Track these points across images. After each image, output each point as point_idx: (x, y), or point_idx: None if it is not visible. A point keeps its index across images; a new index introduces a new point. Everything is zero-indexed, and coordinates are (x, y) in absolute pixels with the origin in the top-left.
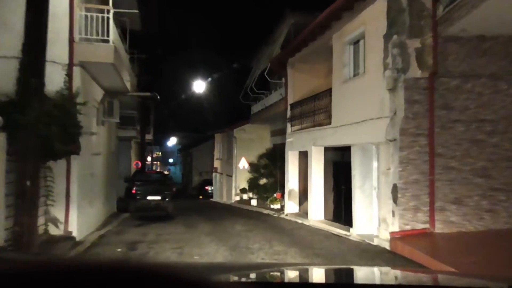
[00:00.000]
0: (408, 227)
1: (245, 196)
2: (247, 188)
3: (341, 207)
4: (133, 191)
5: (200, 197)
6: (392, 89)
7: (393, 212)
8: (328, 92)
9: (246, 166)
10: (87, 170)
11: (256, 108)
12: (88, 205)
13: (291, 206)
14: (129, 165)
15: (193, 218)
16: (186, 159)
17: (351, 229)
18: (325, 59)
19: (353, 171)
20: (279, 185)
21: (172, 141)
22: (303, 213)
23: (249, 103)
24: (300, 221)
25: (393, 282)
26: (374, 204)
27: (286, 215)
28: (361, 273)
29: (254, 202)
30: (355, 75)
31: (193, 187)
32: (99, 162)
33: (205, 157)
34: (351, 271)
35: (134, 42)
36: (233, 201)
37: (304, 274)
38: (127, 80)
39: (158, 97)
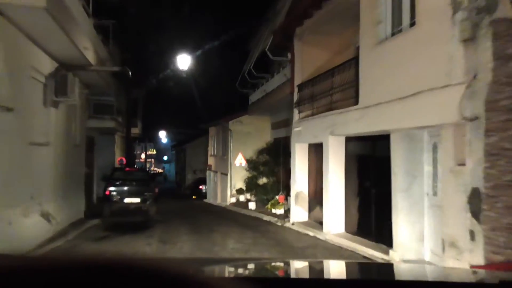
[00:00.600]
0: (500, 258)
1: (242, 198)
2: (244, 188)
3: (370, 217)
4: (107, 192)
5: (194, 197)
6: (470, 40)
7: (471, 233)
8: (353, 62)
9: (243, 163)
10: (13, 165)
11: (254, 96)
12: (21, 213)
13: (298, 213)
14: (113, 162)
15: (176, 227)
16: (180, 156)
17: (390, 251)
18: (343, 27)
19: (393, 168)
20: (282, 185)
21: (162, 135)
22: (315, 223)
23: (246, 91)
24: (312, 234)
25: (387, 277)
26: (426, 216)
27: (293, 224)
28: (356, 268)
29: (252, 206)
30: (394, 33)
31: (186, 186)
32: (46, 155)
33: (199, 154)
34: (348, 266)
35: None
36: (228, 203)
37: (301, 268)
38: (86, 48)
39: (130, 72)
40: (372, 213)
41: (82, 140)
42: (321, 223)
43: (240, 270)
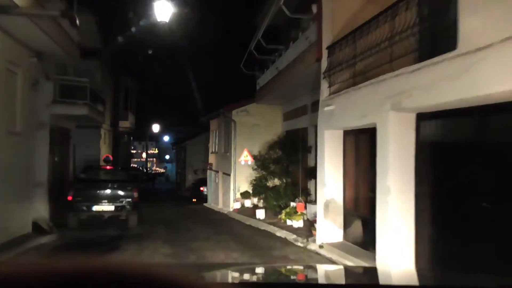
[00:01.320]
0: None
1: (247, 203)
2: (250, 191)
3: (468, 248)
4: (69, 198)
5: (194, 200)
6: None
7: None
8: None
9: (250, 161)
10: None
11: (263, 79)
12: None
13: (328, 229)
14: (98, 159)
15: (156, 247)
16: (180, 155)
17: None
18: None
19: None
20: (301, 189)
21: (155, 129)
22: (354, 246)
23: (253, 73)
24: (358, 267)
25: (383, 282)
26: None
27: (321, 246)
28: (351, 273)
29: (260, 214)
30: None
31: (186, 188)
32: None
33: (200, 152)
34: (344, 271)
35: None
36: (231, 209)
37: (299, 274)
38: None
39: (77, 21)
40: (477, 242)
41: (29, 128)
42: (363, 246)
43: (241, 276)
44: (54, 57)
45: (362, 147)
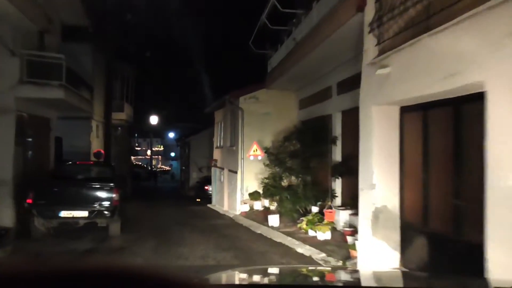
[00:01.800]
0: None
1: (257, 205)
2: (261, 192)
3: None
4: (29, 201)
5: (198, 199)
6: None
7: None
8: None
9: (260, 156)
10: None
11: (277, 58)
12: None
13: (377, 250)
14: (88, 154)
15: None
16: (184, 151)
17: None
18: None
19: None
20: (323, 190)
21: (153, 120)
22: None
23: (264, 52)
24: None
25: (377, 284)
26: None
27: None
28: (349, 276)
29: (274, 221)
30: None
31: (190, 186)
32: None
33: (205, 148)
34: (344, 273)
35: None
36: (238, 213)
37: (298, 275)
38: None
39: None
40: None
41: None
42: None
43: (246, 277)
44: (19, 28)
45: (436, 129)
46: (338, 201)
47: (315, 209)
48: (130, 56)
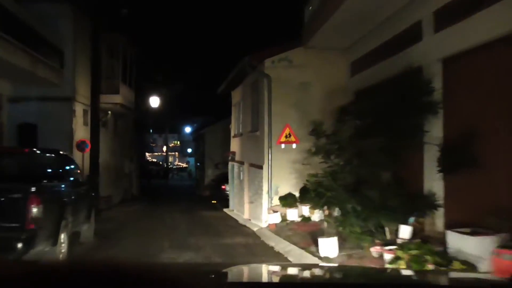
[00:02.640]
0: None
1: (292, 214)
2: (296, 194)
3: None
4: None
5: (214, 201)
6: None
7: None
8: None
9: (295, 143)
10: None
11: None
12: None
13: None
14: (69, 145)
15: None
16: (199, 146)
17: None
18: None
19: None
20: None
21: (153, 102)
22: None
23: None
24: None
25: (377, 282)
26: None
27: None
28: (350, 273)
29: (328, 247)
30: None
31: (205, 185)
32: None
33: (222, 141)
34: (346, 271)
35: None
36: (264, 224)
37: (298, 273)
38: None
39: None
40: None
41: None
42: None
43: (243, 276)
44: None
45: None
46: (439, 215)
47: (405, 229)
48: (130, 28)
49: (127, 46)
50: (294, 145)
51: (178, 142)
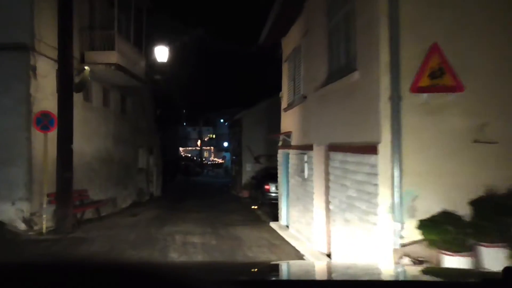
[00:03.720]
0: None
1: (452, 261)
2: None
3: None
4: None
5: (254, 207)
6: None
7: None
8: None
9: (452, 92)
10: None
11: None
12: None
13: None
14: (25, 120)
15: None
16: (234, 136)
17: None
18: None
19: None
20: None
21: (160, 53)
22: None
23: None
24: None
25: (373, 278)
26: None
27: None
28: (349, 270)
29: None
30: None
31: (243, 184)
32: None
33: (264, 127)
34: (346, 268)
35: None
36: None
37: (298, 271)
38: None
39: None
40: None
41: None
42: None
43: (241, 274)
44: None
45: None
46: None
47: None
48: None
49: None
50: (451, 96)
51: (214, 136)
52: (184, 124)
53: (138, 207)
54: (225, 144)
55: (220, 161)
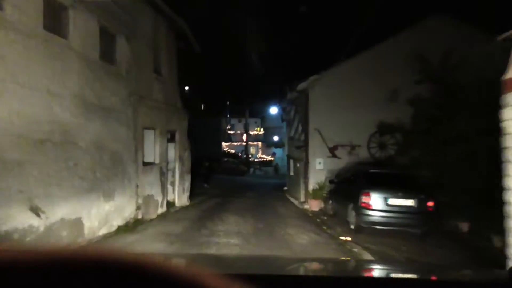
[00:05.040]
0: None
1: None
2: None
3: None
4: None
5: (346, 238)
6: None
7: None
8: None
9: None
10: None
11: None
12: None
13: None
14: None
15: None
16: (294, 116)
17: None
18: None
19: None
20: None
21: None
22: None
23: None
24: None
25: (396, 275)
26: None
27: None
28: (350, 267)
29: None
30: None
31: (313, 190)
32: None
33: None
34: (346, 264)
35: None
36: None
37: (302, 266)
38: None
39: None
40: None
41: None
42: None
43: (235, 266)
44: None
45: None
46: None
47: None
48: None
49: None
50: None
51: (262, 129)
52: (227, 115)
53: (130, 234)
54: (275, 138)
55: (269, 158)
